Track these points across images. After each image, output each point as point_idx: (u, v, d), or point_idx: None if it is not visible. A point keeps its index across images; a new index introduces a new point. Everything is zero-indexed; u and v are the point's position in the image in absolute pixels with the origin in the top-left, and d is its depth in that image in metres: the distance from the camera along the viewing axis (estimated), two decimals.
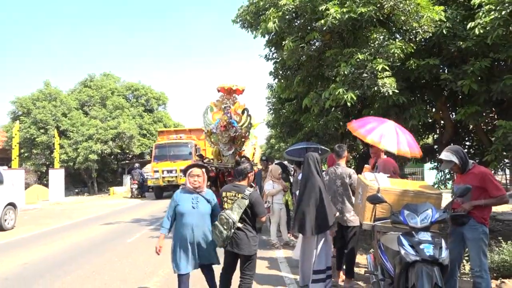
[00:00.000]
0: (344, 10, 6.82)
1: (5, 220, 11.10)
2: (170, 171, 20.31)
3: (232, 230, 3.95)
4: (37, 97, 27.07)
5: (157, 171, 20.52)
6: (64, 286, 5.75)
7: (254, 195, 4.08)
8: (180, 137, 21.76)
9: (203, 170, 4.24)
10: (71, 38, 68.61)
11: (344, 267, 5.45)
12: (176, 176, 19.97)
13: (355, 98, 6.97)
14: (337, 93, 6.93)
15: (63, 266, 6.88)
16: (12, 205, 11.48)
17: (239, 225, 4.01)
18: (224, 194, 4.22)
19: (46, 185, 23.21)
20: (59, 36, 67.09)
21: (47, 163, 26.48)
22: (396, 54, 6.97)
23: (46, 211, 16.30)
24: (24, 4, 65.28)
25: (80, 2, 72.84)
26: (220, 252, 4.26)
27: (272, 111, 15.50)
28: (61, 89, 29.42)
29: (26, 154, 26.05)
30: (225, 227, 3.93)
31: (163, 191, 21.63)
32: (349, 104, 6.96)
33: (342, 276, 5.46)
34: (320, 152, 7.94)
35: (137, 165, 23.63)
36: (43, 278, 6.17)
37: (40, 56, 63.71)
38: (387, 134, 5.56)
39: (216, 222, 4.01)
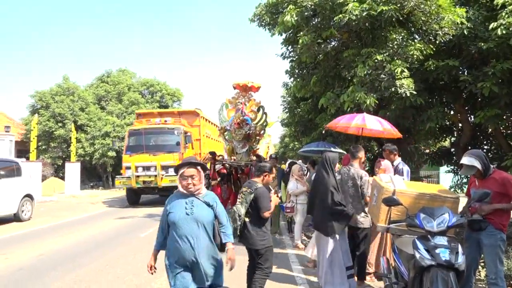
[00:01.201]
0: (364, 6, 6.72)
1: (22, 211, 11.35)
2: (147, 168, 14.71)
3: (239, 222, 4.10)
4: (55, 92, 27.54)
5: (128, 168, 14.84)
6: (78, 278, 5.83)
7: (259, 190, 4.21)
8: (165, 121, 16.16)
9: (198, 168, 3.35)
10: (88, 33, 69.54)
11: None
12: (156, 176, 14.49)
13: (377, 102, 6.89)
14: (357, 97, 6.84)
15: (77, 258, 6.98)
16: (29, 196, 11.74)
17: (246, 219, 4.16)
18: (240, 190, 4.40)
19: (62, 178, 23.60)
20: (77, 31, 68.06)
21: (64, 156, 26.93)
22: (415, 56, 6.86)
23: (62, 204, 16.59)
24: (44, 1, 66.48)
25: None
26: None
27: (287, 110, 15.46)
28: (79, 84, 29.91)
29: (43, 147, 26.54)
30: (232, 219, 4.06)
31: (139, 194, 16.28)
32: (371, 109, 6.90)
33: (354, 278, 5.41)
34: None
35: None
36: (56, 270, 6.27)
37: (59, 51, 64.77)
38: (368, 117, 6.14)
39: None
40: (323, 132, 9.92)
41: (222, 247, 3.40)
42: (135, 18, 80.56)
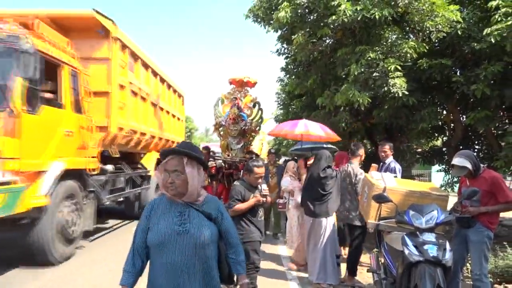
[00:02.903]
0: (358, 8, 6.74)
1: None
2: None
3: None
4: None
5: None
6: (74, 268, 5.87)
7: (233, 187, 4.30)
8: None
9: (188, 159, 2.13)
10: None
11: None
12: None
13: (370, 101, 6.93)
14: (350, 95, 6.86)
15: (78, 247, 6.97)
16: None
17: None
18: None
19: None
20: None
21: None
22: (408, 54, 6.89)
23: None
24: None
25: None
26: None
27: (281, 106, 15.46)
28: None
29: None
30: None
31: None
32: (362, 108, 6.94)
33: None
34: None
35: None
36: None
37: None
38: (309, 124, 6.85)
39: None
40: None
41: (229, 279, 2.34)
42: (130, 11, 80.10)
